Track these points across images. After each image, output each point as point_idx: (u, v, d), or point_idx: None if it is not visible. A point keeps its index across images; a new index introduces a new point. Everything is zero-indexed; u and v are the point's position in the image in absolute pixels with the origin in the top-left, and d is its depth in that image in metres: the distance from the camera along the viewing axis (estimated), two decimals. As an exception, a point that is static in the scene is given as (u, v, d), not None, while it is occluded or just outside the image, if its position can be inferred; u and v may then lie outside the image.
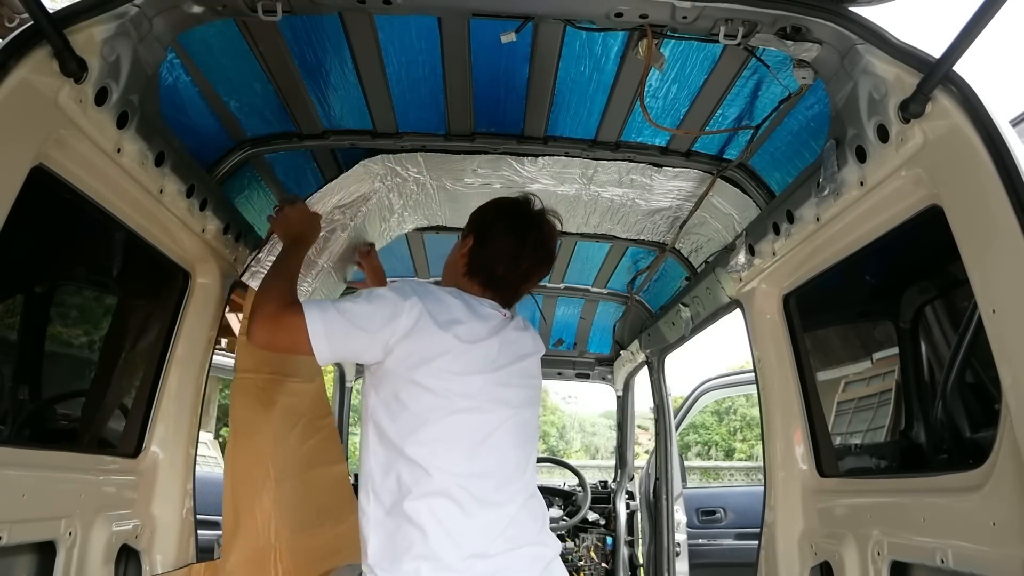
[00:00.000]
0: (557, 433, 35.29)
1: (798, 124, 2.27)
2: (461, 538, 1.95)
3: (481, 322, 2.12)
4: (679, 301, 3.49)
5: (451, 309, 2.07)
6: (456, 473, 1.98)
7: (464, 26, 2.02)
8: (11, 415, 1.91)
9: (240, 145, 2.58)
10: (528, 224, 2.27)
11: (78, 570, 2.02)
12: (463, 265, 2.27)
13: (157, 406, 2.47)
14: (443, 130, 2.61)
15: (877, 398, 2.28)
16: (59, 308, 2.10)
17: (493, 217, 2.30)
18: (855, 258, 2.14)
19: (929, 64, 1.53)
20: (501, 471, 2.06)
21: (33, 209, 1.63)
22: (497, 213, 2.31)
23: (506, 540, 2.01)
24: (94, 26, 1.61)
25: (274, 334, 2.02)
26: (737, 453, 24.66)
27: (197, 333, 2.57)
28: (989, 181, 1.43)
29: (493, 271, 2.24)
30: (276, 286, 2.15)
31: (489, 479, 2.02)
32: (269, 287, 2.16)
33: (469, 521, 1.96)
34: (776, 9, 1.72)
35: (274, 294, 2.09)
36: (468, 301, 2.14)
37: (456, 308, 2.09)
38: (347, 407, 5.38)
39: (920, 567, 1.87)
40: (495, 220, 2.29)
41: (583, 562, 5.11)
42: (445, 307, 2.07)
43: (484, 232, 2.28)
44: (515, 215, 2.28)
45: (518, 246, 2.24)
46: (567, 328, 5.00)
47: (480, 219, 2.33)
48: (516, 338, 2.22)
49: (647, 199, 3.00)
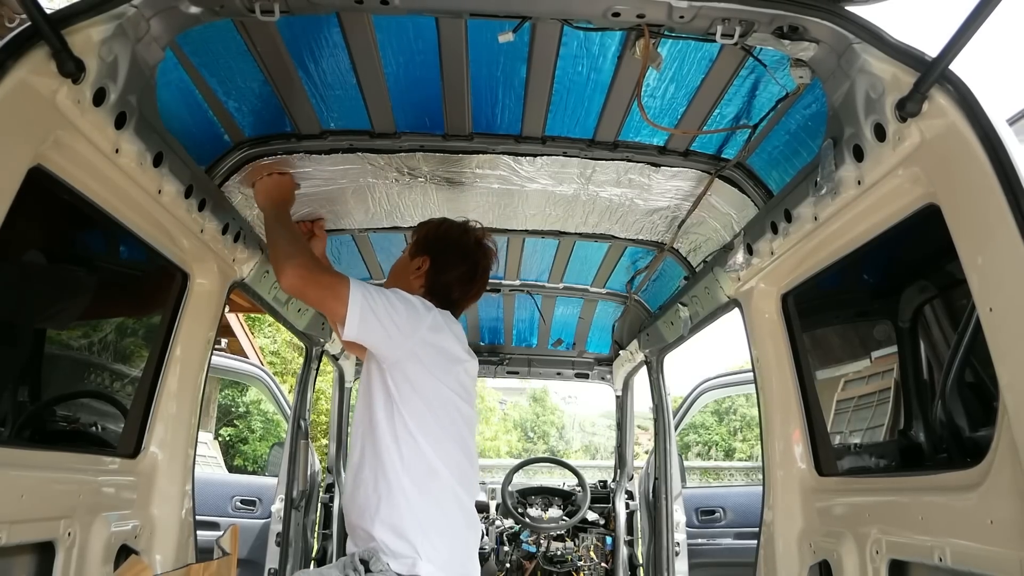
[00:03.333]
0: (557, 433, 35.26)
1: (796, 123, 2.27)
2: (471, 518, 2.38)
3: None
4: (678, 301, 3.50)
5: (453, 327, 2.41)
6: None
7: (461, 26, 2.02)
8: (10, 415, 1.91)
9: (238, 145, 2.59)
10: (480, 253, 2.57)
11: (77, 570, 2.02)
12: (419, 286, 2.50)
13: (156, 406, 2.47)
14: (441, 130, 2.61)
15: (875, 397, 2.28)
16: (58, 308, 2.10)
17: (448, 244, 2.56)
18: (853, 257, 2.14)
19: (925, 63, 1.54)
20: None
21: (31, 210, 1.63)
22: (451, 240, 2.56)
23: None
24: (92, 27, 1.61)
25: (309, 285, 2.25)
26: (737, 453, 24.63)
27: (196, 333, 2.57)
28: (986, 180, 1.43)
29: (450, 295, 2.52)
30: (295, 241, 2.36)
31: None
32: (288, 239, 2.35)
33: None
34: (773, 8, 1.72)
35: (299, 248, 2.31)
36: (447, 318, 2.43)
37: (456, 329, 2.43)
38: (347, 408, 5.38)
39: (918, 565, 1.87)
40: (450, 247, 2.55)
41: (583, 562, 5.11)
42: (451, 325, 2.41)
43: (440, 258, 2.52)
44: (468, 244, 2.56)
45: (471, 273, 2.55)
46: (566, 328, 5.00)
47: (435, 244, 2.56)
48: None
49: (645, 199, 3.00)
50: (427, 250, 2.55)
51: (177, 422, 2.51)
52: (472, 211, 3.21)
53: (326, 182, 2.91)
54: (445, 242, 2.56)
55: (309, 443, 4.67)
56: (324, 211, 3.21)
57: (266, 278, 3.03)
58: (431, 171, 2.85)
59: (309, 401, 4.62)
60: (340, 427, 5.25)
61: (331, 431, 5.31)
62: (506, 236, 3.49)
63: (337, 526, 4.91)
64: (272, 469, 5.97)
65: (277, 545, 4.34)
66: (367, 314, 2.16)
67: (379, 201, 3.12)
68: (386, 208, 3.19)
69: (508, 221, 3.32)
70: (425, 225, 2.66)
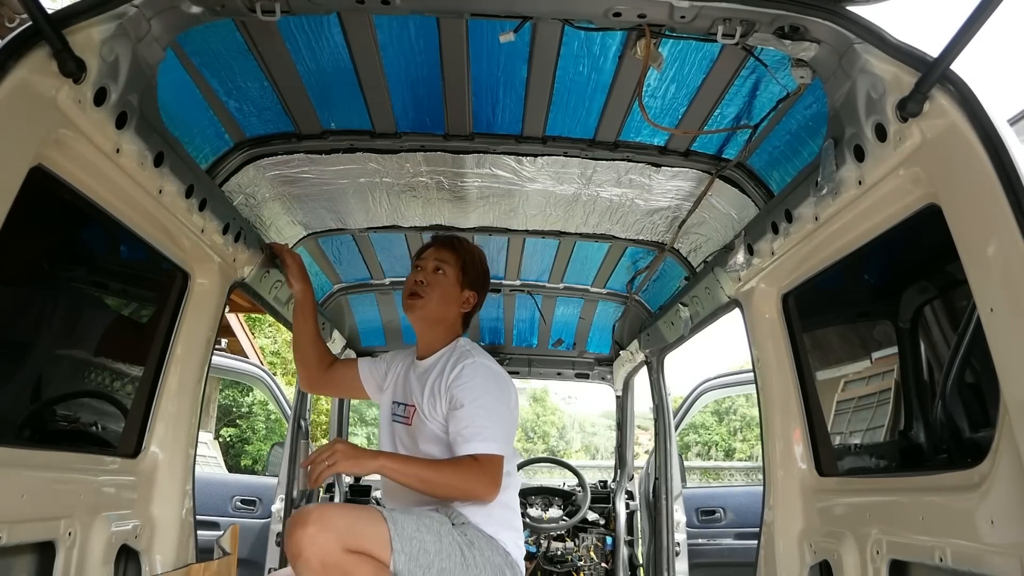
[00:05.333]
0: (557, 433, 35.29)
1: (796, 123, 2.27)
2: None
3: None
4: (678, 301, 3.49)
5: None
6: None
7: (462, 26, 2.02)
8: (11, 415, 1.91)
9: (239, 145, 2.59)
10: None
11: (77, 570, 2.02)
12: (459, 314, 2.65)
13: (157, 406, 2.47)
14: (442, 130, 2.61)
15: (876, 397, 2.28)
16: (58, 308, 2.10)
17: (486, 279, 2.74)
18: (854, 257, 2.14)
19: (927, 63, 1.53)
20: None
21: (32, 209, 1.63)
22: (486, 274, 2.73)
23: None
24: (93, 26, 1.61)
25: (492, 488, 2.32)
26: (737, 453, 24.63)
27: (196, 333, 2.57)
28: (987, 180, 1.43)
29: (470, 319, 2.71)
30: (444, 476, 2.33)
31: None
32: (444, 484, 2.32)
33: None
34: (774, 8, 1.72)
35: (455, 478, 2.31)
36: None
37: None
38: (347, 408, 5.39)
39: (919, 566, 1.87)
40: (486, 281, 2.73)
41: (583, 562, 5.11)
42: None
43: (482, 292, 2.69)
44: (487, 273, 2.75)
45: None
46: (566, 328, 4.99)
47: (482, 280, 2.71)
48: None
49: (646, 199, 3.00)
50: (475, 286, 2.67)
51: (177, 422, 2.51)
52: (472, 211, 3.21)
53: (326, 182, 2.91)
54: (485, 277, 2.72)
55: (309, 443, 4.67)
56: (324, 211, 3.21)
57: (266, 278, 3.03)
58: (432, 171, 2.85)
59: (309, 401, 4.62)
60: (340, 427, 5.25)
61: (331, 431, 5.31)
62: (506, 236, 3.49)
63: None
64: (272, 469, 5.96)
65: (277, 545, 4.33)
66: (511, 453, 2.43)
67: (379, 201, 3.12)
68: (386, 208, 3.19)
69: (509, 221, 3.32)
70: (469, 254, 2.71)
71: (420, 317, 2.61)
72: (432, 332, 2.60)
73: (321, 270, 3.94)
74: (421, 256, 2.72)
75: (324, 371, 2.89)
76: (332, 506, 2.20)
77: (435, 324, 2.61)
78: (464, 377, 2.39)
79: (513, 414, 2.48)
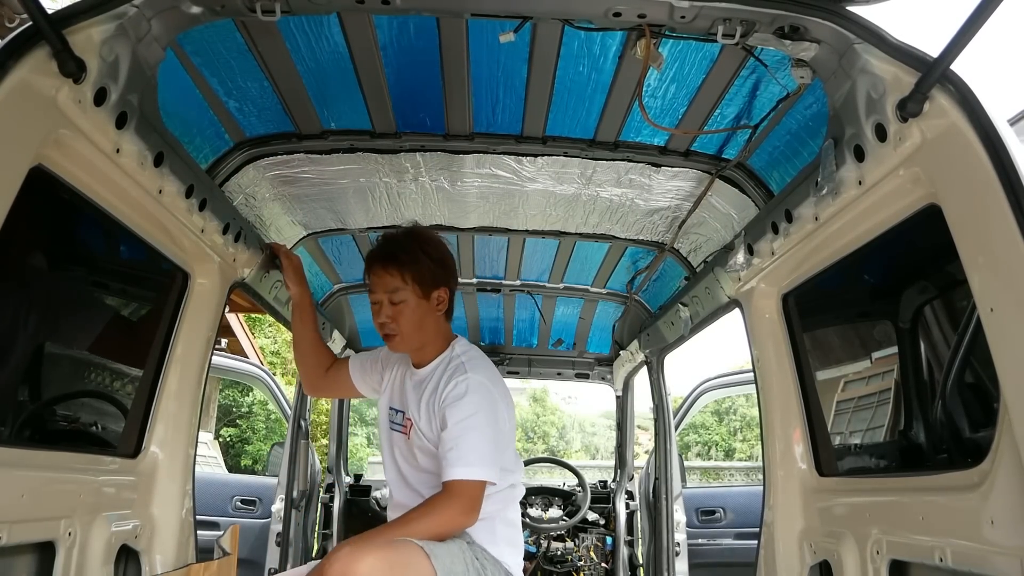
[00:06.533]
0: (557, 433, 35.26)
1: (796, 123, 2.27)
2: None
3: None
4: (678, 301, 3.49)
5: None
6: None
7: (462, 26, 2.02)
8: (11, 415, 1.91)
9: (239, 145, 2.59)
10: (450, 254, 2.61)
11: (77, 570, 2.02)
12: (440, 315, 2.52)
13: (156, 406, 2.47)
14: (442, 130, 2.61)
15: (876, 397, 2.28)
16: (58, 308, 2.10)
17: (447, 265, 2.55)
18: (854, 257, 2.14)
19: (927, 63, 1.53)
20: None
21: (32, 209, 1.63)
22: (445, 259, 2.56)
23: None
24: (93, 27, 1.61)
25: (474, 512, 2.28)
26: (737, 453, 24.64)
27: (196, 333, 2.57)
28: (987, 180, 1.43)
29: (451, 309, 2.58)
30: (425, 524, 2.25)
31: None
32: (424, 531, 2.23)
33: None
34: (774, 8, 1.72)
35: (431, 522, 2.24)
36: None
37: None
38: (347, 408, 5.38)
39: (919, 566, 1.87)
40: (448, 266, 2.56)
41: (583, 562, 5.11)
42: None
43: (452, 280, 2.56)
44: (449, 254, 2.59)
45: (457, 277, 2.65)
46: (566, 328, 4.99)
47: (440, 270, 2.52)
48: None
49: (646, 199, 3.00)
50: (439, 282, 2.48)
51: (177, 422, 2.51)
52: (472, 211, 3.21)
53: (326, 182, 2.91)
54: (444, 264, 2.52)
55: (309, 443, 4.67)
56: (324, 211, 3.21)
57: (266, 278, 3.03)
58: (432, 171, 2.85)
59: (309, 401, 4.61)
60: (340, 427, 5.25)
61: (331, 431, 5.31)
62: (506, 236, 3.49)
63: (337, 526, 4.91)
64: (272, 469, 5.96)
65: (277, 545, 4.34)
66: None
67: (379, 201, 3.12)
68: (386, 208, 3.19)
69: (509, 221, 3.32)
70: (414, 261, 2.45)
71: (405, 349, 2.54)
72: (422, 349, 2.52)
73: (321, 270, 3.94)
74: (372, 286, 2.50)
75: (324, 373, 2.87)
76: (372, 548, 2.07)
77: (422, 343, 2.52)
78: (455, 395, 2.33)
79: (506, 429, 2.43)
